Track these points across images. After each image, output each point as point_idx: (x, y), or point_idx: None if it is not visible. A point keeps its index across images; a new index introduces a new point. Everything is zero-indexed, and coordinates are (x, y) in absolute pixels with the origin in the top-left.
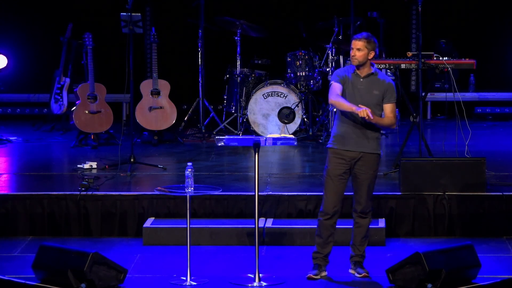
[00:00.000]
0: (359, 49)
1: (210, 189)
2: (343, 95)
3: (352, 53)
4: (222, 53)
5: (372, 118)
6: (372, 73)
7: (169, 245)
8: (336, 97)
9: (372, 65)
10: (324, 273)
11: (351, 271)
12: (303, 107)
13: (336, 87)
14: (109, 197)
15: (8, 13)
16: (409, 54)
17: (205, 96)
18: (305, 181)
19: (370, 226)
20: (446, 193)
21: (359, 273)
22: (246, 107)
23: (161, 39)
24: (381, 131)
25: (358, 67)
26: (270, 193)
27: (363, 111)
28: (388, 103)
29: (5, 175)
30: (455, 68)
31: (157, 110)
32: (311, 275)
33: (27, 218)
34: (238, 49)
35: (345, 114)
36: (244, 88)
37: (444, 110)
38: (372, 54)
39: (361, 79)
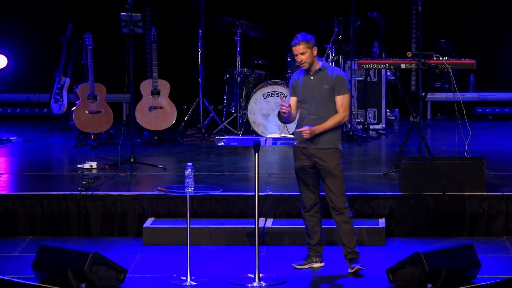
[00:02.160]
0: (302, 53)
1: (210, 189)
2: (297, 97)
3: (298, 59)
4: (222, 53)
5: (308, 133)
6: (320, 69)
7: (169, 245)
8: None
9: (320, 60)
10: (315, 264)
11: (350, 270)
12: None
13: (290, 100)
14: (109, 197)
15: (8, 13)
16: (409, 54)
17: (205, 96)
18: None
19: (370, 226)
20: (446, 193)
21: (352, 268)
22: (246, 107)
23: (161, 39)
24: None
25: (309, 68)
26: (270, 193)
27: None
28: (338, 95)
29: (5, 175)
30: (455, 68)
31: (157, 110)
32: (295, 264)
33: (27, 218)
34: (238, 49)
35: (302, 111)
36: (244, 88)
37: (444, 110)
38: (315, 50)
39: (311, 77)
